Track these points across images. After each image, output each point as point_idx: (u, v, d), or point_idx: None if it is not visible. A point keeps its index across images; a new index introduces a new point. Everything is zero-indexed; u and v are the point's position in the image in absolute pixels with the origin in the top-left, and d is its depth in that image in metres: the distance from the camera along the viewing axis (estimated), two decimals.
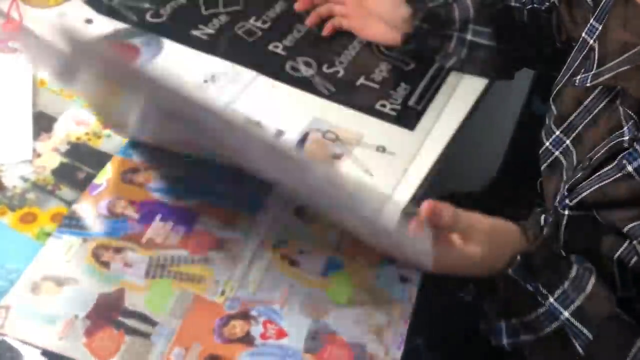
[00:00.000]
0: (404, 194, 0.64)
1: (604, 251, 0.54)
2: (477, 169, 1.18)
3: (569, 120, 0.60)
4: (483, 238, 0.52)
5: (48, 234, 0.58)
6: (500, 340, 0.56)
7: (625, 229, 0.51)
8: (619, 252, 0.52)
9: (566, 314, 0.51)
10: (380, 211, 0.45)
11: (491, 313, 0.56)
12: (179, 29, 0.83)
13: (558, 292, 0.52)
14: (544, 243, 0.54)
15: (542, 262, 0.52)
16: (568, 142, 0.60)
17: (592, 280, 0.52)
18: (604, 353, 0.51)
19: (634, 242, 0.51)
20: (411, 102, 0.74)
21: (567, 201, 0.54)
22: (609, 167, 0.53)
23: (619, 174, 0.52)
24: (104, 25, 0.80)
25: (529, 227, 0.56)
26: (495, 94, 0.80)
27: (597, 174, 0.52)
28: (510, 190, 0.89)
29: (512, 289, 0.53)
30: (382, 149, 0.69)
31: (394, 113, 0.73)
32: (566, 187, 0.55)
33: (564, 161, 0.61)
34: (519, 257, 0.52)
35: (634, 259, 0.51)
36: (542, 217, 0.60)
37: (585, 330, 0.51)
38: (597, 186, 0.52)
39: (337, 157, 0.67)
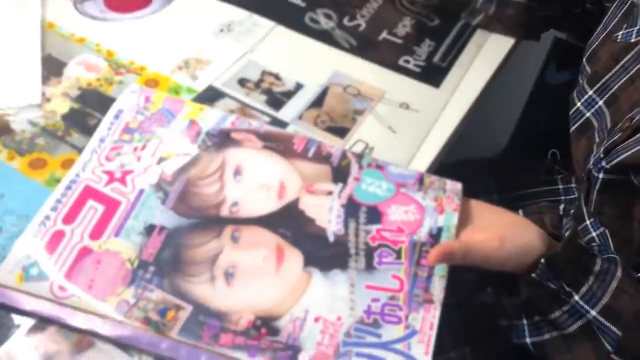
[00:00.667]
0: (428, 152, 0.62)
1: (638, 216, 0.52)
2: (488, 137, 1.16)
3: (603, 80, 0.58)
4: (501, 232, 0.51)
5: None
6: (523, 338, 0.55)
7: None
8: None
9: (593, 312, 0.50)
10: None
11: (512, 311, 0.55)
12: None
13: (583, 289, 0.51)
14: (567, 243, 0.52)
15: (565, 262, 0.51)
16: (601, 102, 0.59)
17: (618, 274, 0.51)
18: (635, 349, 0.50)
19: None
20: (436, 59, 0.72)
21: (603, 163, 0.53)
22: None
23: None
24: None
25: (547, 220, 0.55)
26: (510, 60, 0.78)
27: (638, 135, 0.50)
28: (524, 158, 0.88)
29: (534, 290, 0.53)
30: (405, 106, 0.67)
31: (417, 69, 0.71)
32: (601, 149, 0.54)
33: (595, 123, 0.60)
34: (542, 261, 0.51)
35: None
36: (561, 207, 0.58)
37: (613, 328, 0.49)
38: (637, 147, 0.50)
39: (359, 112, 0.65)
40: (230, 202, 0.53)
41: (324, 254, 0.51)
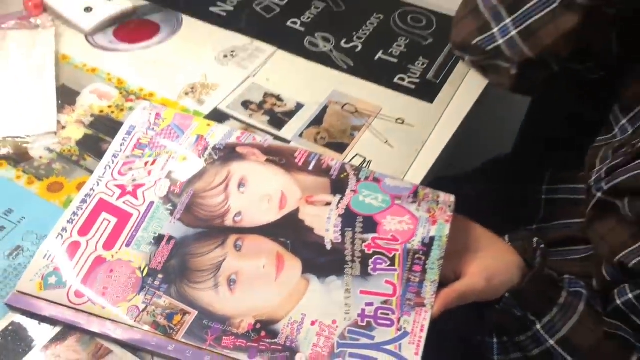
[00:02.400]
0: (423, 164, 0.67)
1: (615, 246, 0.56)
2: (492, 144, 1.20)
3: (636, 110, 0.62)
4: (489, 271, 0.56)
5: None
6: (492, 356, 0.60)
7: None
8: (624, 252, 0.55)
9: (551, 342, 0.55)
10: None
11: (485, 328, 0.60)
12: (198, 5, 0.87)
13: (545, 319, 0.55)
14: (535, 277, 0.57)
15: (532, 293, 0.56)
16: (624, 121, 0.62)
17: (581, 307, 0.55)
18: None
19: None
20: (429, 76, 0.77)
21: (602, 184, 0.57)
22: None
23: None
24: (124, 2, 0.84)
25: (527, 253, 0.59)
26: None
27: (638, 161, 0.54)
28: (528, 164, 0.91)
29: (502, 316, 0.57)
30: (401, 121, 0.72)
31: (412, 86, 0.76)
32: (604, 168, 0.58)
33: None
34: (507, 295, 0.56)
35: (636, 260, 0.53)
36: (535, 240, 0.63)
37: (569, 358, 0.54)
38: (634, 173, 0.53)
39: (357, 128, 0.71)
40: (234, 212, 0.59)
41: (321, 261, 0.56)
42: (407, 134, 0.71)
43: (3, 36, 0.79)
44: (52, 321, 0.53)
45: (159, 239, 0.57)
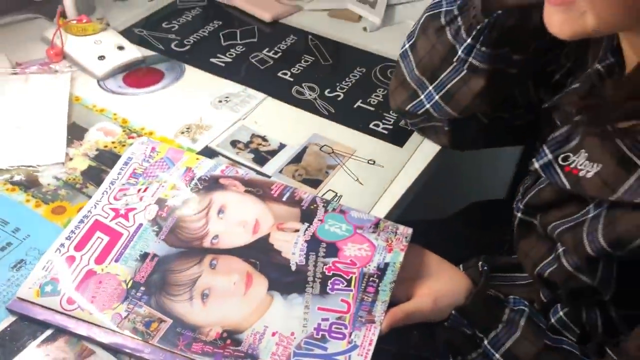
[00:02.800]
0: (388, 201, 0.75)
1: (536, 262, 0.63)
2: (495, 179, 1.27)
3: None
4: (437, 292, 0.63)
5: None
6: None
7: (548, 229, 0.59)
8: (541, 265, 0.61)
9: (497, 355, 0.61)
10: None
11: (443, 352, 0.65)
12: (200, 57, 0.97)
13: (491, 335, 0.61)
14: (477, 294, 0.63)
15: (477, 311, 0.62)
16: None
17: (522, 322, 0.61)
18: None
19: (559, 251, 0.59)
20: (402, 123, 0.86)
21: (520, 204, 0.64)
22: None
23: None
24: (134, 52, 0.95)
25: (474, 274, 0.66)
26: None
27: (540, 180, 0.62)
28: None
29: (452, 334, 0.63)
30: (372, 162, 0.80)
31: (385, 132, 0.84)
32: (521, 189, 0.65)
33: None
34: (453, 312, 0.62)
35: (549, 270, 0.60)
36: (480, 264, 0.69)
37: None
38: (536, 190, 0.61)
39: (332, 167, 0.79)
40: (212, 235, 0.66)
41: (286, 280, 0.63)
42: (377, 173, 0.78)
43: (26, 79, 0.90)
44: (45, 324, 0.60)
45: (144, 256, 0.64)
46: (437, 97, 0.73)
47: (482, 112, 0.74)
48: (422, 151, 0.82)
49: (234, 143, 0.83)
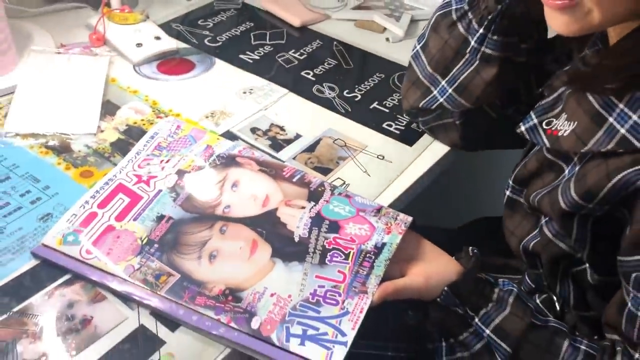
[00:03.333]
0: (392, 193, 0.80)
1: (522, 238, 0.67)
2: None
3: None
4: (428, 271, 0.66)
5: None
6: (440, 358, 0.68)
7: (530, 199, 0.63)
8: (526, 239, 0.65)
9: (487, 331, 0.64)
10: None
11: (434, 335, 0.69)
12: (230, 53, 1.04)
13: (481, 312, 0.64)
14: (469, 272, 0.66)
15: (468, 290, 0.65)
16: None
17: (511, 300, 0.64)
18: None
19: (541, 222, 0.63)
20: (414, 125, 0.90)
21: (509, 180, 0.68)
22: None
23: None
24: (169, 43, 1.02)
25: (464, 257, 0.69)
26: None
27: (527, 155, 0.66)
28: None
29: (445, 313, 0.66)
30: (381, 157, 0.85)
31: (397, 132, 0.89)
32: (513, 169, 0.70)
33: None
34: (446, 289, 0.65)
35: (533, 242, 0.63)
36: (470, 248, 0.71)
37: (504, 345, 0.63)
38: (522, 163, 0.66)
39: (343, 159, 0.84)
40: (224, 205, 0.72)
41: (288, 249, 0.67)
42: (385, 168, 0.83)
43: (68, 58, 0.97)
44: (64, 270, 0.66)
45: (160, 218, 0.70)
46: (450, 90, 0.78)
47: (491, 103, 0.79)
48: (431, 151, 0.86)
49: (253, 130, 0.88)
